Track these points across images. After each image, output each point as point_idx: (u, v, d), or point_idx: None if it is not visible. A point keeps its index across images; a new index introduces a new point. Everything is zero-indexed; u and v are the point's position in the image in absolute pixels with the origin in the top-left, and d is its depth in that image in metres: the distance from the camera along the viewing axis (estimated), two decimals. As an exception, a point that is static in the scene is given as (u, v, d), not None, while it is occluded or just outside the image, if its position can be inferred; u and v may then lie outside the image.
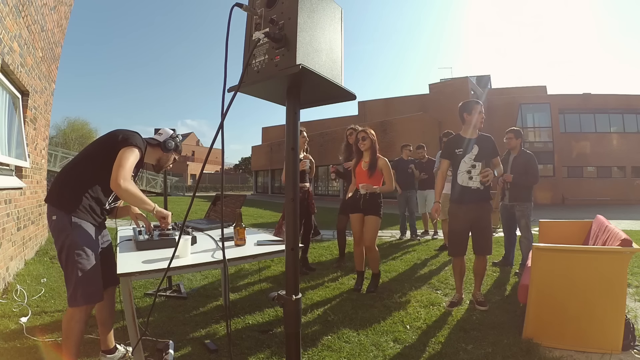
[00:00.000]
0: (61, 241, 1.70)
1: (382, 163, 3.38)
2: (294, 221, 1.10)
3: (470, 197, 2.90)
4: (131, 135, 1.86)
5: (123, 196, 1.76)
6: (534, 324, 2.33)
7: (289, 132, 1.08)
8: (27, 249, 4.12)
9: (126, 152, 1.78)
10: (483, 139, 2.97)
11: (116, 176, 1.70)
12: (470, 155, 2.92)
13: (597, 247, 2.51)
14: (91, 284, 1.71)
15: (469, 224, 2.93)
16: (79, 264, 1.68)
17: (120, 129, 1.92)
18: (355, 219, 3.47)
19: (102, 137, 1.92)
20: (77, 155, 1.93)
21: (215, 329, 2.49)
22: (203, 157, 48.46)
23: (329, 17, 1.05)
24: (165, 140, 2.07)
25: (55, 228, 1.72)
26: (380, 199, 3.40)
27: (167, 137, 2.09)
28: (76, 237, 1.70)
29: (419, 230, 6.77)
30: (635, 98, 18.91)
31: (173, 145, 2.09)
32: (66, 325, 1.72)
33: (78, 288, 1.67)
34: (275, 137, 27.77)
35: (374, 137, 3.44)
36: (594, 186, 18.58)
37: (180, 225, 2.20)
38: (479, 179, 2.86)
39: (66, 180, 1.81)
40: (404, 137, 16.17)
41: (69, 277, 1.70)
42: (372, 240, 3.34)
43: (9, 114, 3.65)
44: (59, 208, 1.73)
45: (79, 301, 1.68)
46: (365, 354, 2.18)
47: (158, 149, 2.08)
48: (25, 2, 3.42)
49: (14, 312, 2.69)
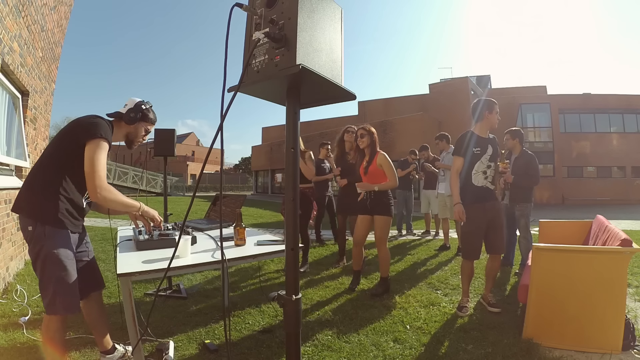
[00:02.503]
0: (36, 250, 1.59)
1: (381, 159, 3.28)
2: (294, 221, 1.10)
3: (483, 195, 2.81)
4: (94, 124, 1.65)
5: (105, 204, 1.65)
6: (534, 324, 2.33)
7: (289, 132, 1.08)
8: (27, 249, 4.12)
9: (94, 150, 1.60)
10: (493, 140, 2.96)
11: (92, 186, 1.57)
12: (486, 155, 2.84)
13: (597, 247, 2.51)
14: (69, 294, 1.61)
15: (485, 223, 2.81)
16: (57, 273, 1.58)
17: (81, 117, 1.73)
18: (360, 221, 3.40)
19: (63, 130, 1.72)
20: (42, 154, 1.73)
21: (215, 329, 2.49)
22: (203, 157, 48.43)
23: (329, 17, 1.05)
24: (128, 111, 1.83)
25: (30, 238, 1.60)
26: (388, 197, 3.30)
27: (131, 107, 1.85)
28: (52, 245, 1.59)
29: (419, 230, 7.02)
30: (635, 98, 18.92)
31: (139, 115, 1.85)
32: (46, 334, 1.65)
33: (57, 297, 1.58)
34: (275, 137, 27.77)
35: (374, 134, 3.36)
36: (594, 186, 18.59)
37: (180, 225, 2.19)
38: (500, 169, 2.95)
39: (35, 185, 1.64)
40: (404, 137, 16.21)
41: (46, 287, 1.59)
42: (382, 240, 3.29)
43: (9, 114, 3.65)
44: (32, 217, 1.59)
45: (59, 309, 1.60)
46: (365, 354, 2.18)
47: (122, 123, 1.85)
48: (25, 2, 3.41)
49: (14, 312, 2.69)
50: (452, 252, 5.10)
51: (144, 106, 1.88)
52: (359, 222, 3.42)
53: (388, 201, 3.29)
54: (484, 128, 2.89)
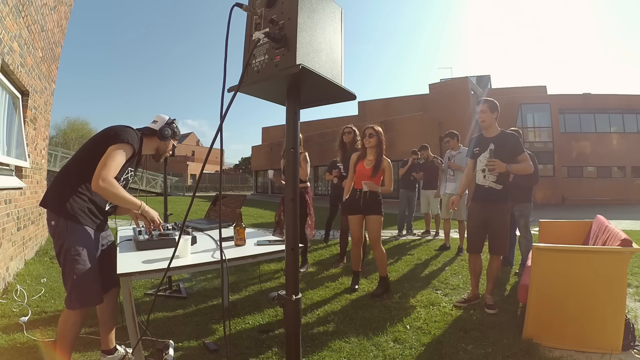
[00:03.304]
0: (59, 245, 1.69)
1: (386, 164, 3.32)
2: (294, 221, 1.10)
3: (482, 195, 2.94)
4: (123, 131, 1.79)
5: (104, 195, 1.70)
6: (534, 324, 2.33)
7: (289, 132, 1.08)
8: (27, 249, 4.12)
9: (114, 150, 1.71)
10: (503, 137, 2.92)
11: (97, 175, 1.64)
12: (486, 154, 2.92)
13: (597, 247, 2.51)
14: (86, 288, 1.69)
15: (482, 222, 2.93)
16: (76, 268, 1.66)
17: (114, 125, 1.86)
18: (355, 221, 3.39)
19: (96, 135, 1.87)
20: (73, 155, 1.88)
21: (215, 329, 2.49)
22: (203, 157, 48.44)
23: (329, 17, 1.05)
24: (161, 128, 1.99)
25: (54, 232, 1.71)
26: (380, 196, 3.35)
27: (163, 124, 2.01)
28: (73, 241, 1.68)
29: (420, 230, 7.04)
30: (635, 98, 18.91)
31: (170, 133, 2.02)
32: (62, 326, 1.73)
33: (73, 292, 1.67)
34: (275, 137, 27.76)
35: (382, 135, 3.35)
36: (594, 186, 18.58)
37: (180, 225, 2.20)
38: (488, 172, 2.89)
39: (62, 183, 1.77)
40: (404, 137, 16.18)
41: (66, 280, 1.69)
42: (377, 239, 3.30)
43: (9, 114, 3.65)
44: (56, 213, 1.70)
45: (75, 304, 1.68)
46: (365, 354, 2.18)
47: (155, 138, 2.00)
48: (25, 2, 3.41)
49: (14, 312, 2.69)
50: (453, 252, 5.10)
51: (174, 124, 2.06)
52: (353, 223, 3.41)
53: (379, 201, 3.34)
54: (490, 126, 2.98)
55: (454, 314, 2.80)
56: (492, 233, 2.91)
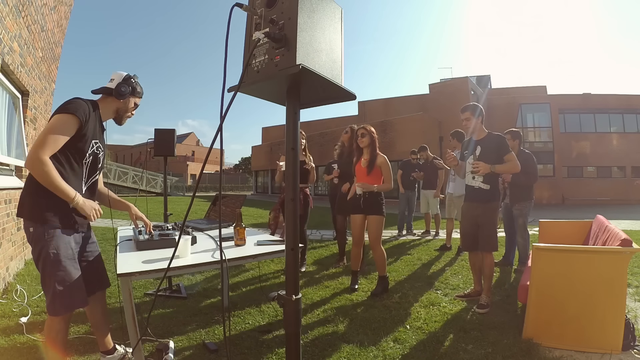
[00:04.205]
0: (37, 251, 1.59)
1: (381, 161, 3.32)
2: (294, 221, 1.10)
3: (472, 195, 3.05)
4: (65, 103, 1.60)
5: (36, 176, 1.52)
6: (534, 324, 2.33)
7: (289, 132, 1.08)
8: (27, 249, 4.12)
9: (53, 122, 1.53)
10: (488, 139, 3.00)
11: (30, 153, 1.46)
12: (473, 156, 3.01)
13: (597, 247, 2.51)
14: (69, 293, 1.60)
15: (474, 220, 3.02)
16: (56, 275, 1.57)
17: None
18: (356, 220, 3.41)
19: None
20: None
21: (215, 329, 2.49)
22: (203, 157, 48.43)
23: (329, 17, 1.05)
24: (118, 86, 1.77)
25: (31, 240, 1.60)
26: (381, 197, 3.34)
27: (120, 81, 1.78)
28: (51, 247, 1.58)
29: (420, 230, 7.07)
30: (635, 98, 18.90)
31: (129, 90, 1.79)
32: (47, 334, 1.65)
33: (56, 298, 1.57)
34: (275, 137, 27.75)
35: (374, 134, 3.40)
36: (594, 186, 18.57)
37: (180, 225, 2.20)
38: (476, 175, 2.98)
39: (28, 188, 1.62)
40: (404, 137, 16.19)
41: (46, 287, 1.60)
42: (377, 240, 3.31)
43: (9, 114, 3.65)
44: (31, 220, 1.59)
45: (59, 310, 1.59)
46: (365, 354, 2.18)
47: (112, 98, 1.78)
48: (25, 2, 3.41)
49: (14, 312, 2.69)
50: (453, 253, 5.10)
51: (132, 79, 1.83)
52: (354, 223, 3.44)
53: (380, 201, 3.34)
54: (476, 130, 3.08)
55: (454, 314, 2.80)
56: (480, 230, 2.98)
